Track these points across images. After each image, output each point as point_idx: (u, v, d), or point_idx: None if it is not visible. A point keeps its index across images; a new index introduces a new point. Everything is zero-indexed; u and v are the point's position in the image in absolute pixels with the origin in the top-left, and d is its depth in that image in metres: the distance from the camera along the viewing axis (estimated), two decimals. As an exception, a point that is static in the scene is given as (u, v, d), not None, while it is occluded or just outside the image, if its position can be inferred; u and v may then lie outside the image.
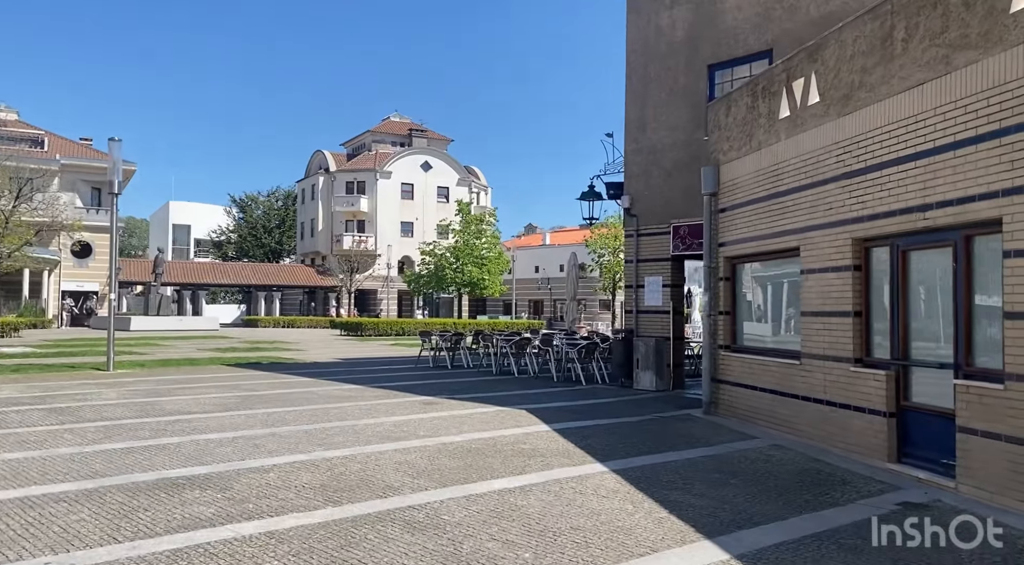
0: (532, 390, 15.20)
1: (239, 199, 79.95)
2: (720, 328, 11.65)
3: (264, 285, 60.19)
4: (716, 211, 11.86)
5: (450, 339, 20.18)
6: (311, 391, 14.46)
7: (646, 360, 15.02)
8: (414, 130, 70.91)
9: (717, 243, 11.81)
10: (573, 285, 20.60)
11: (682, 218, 14.86)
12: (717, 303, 11.75)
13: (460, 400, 13.35)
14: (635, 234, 15.72)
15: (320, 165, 69.10)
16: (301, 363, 21.32)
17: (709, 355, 11.76)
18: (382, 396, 13.83)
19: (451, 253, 48.97)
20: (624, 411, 12.35)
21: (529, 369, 18.26)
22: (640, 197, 15.70)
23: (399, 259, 63.20)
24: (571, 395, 14.48)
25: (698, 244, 14.45)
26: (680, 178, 14.96)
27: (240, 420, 10.76)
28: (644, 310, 15.60)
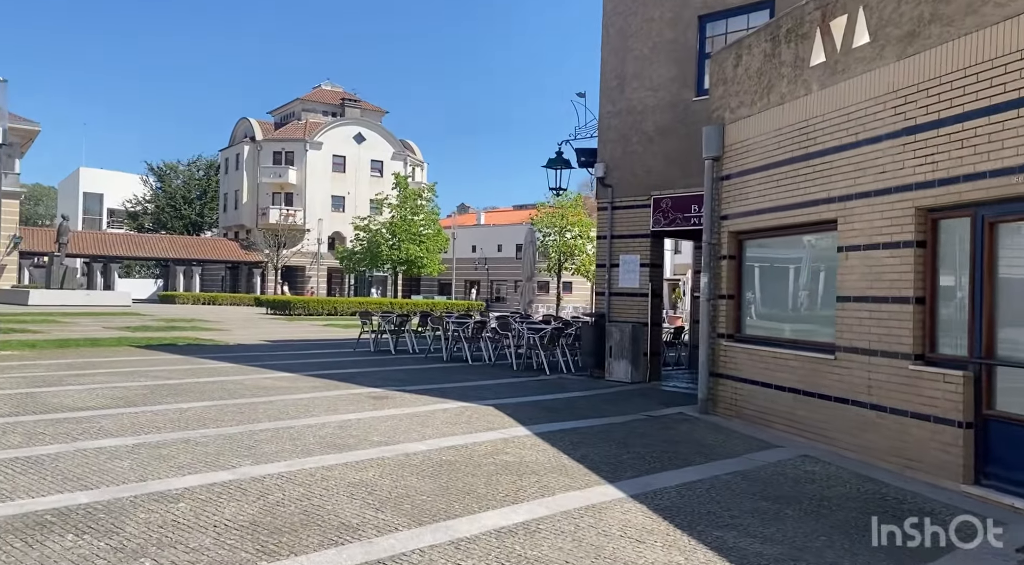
0: (492, 380, 13.41)
1: (157, 167, 75.16)
2: (721, 314, 10.08)
3: (183, 259, 56.49)
4: (719, 178, 10.26)
5: (394, 321, 18.18)
6: (235, 380, 12.32)
7: (620, 348, 13.41)
8: (347, 100, 67.65)
9: (719, 216, 10.21)
10: (530, 264, 18.89)
11: (664, 189, 13.25)
12: (718, 285, 10.17)
13: (414, 393, 11.47)
14: (609, 207, 14.04)
15: (245, 133, 65.26)
16: (223, 345, 18.98)
17: (707, 345, 10.19)
18: (321, 387, 11.82)
19: (387, 229, 46.51)
20: (606, 408, 10.70)
21: (484, 355, 16.46)
22: (616, 165, 14.01)
23: (329, 235, 60.29)
24: (538, 387, 12.76)
25: (683, 219, 12.90)
26: (663, 144, 13.33)
27: (145, 419, 8.63)
28: (618, 292, 13.97)
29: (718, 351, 10.11)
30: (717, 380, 10.10)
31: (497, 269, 63.10)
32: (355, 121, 65.04)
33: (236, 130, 68.33)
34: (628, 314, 13.80)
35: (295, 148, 62.34)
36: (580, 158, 14.56)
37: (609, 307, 14.05)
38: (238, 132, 67.66)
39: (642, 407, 10.87)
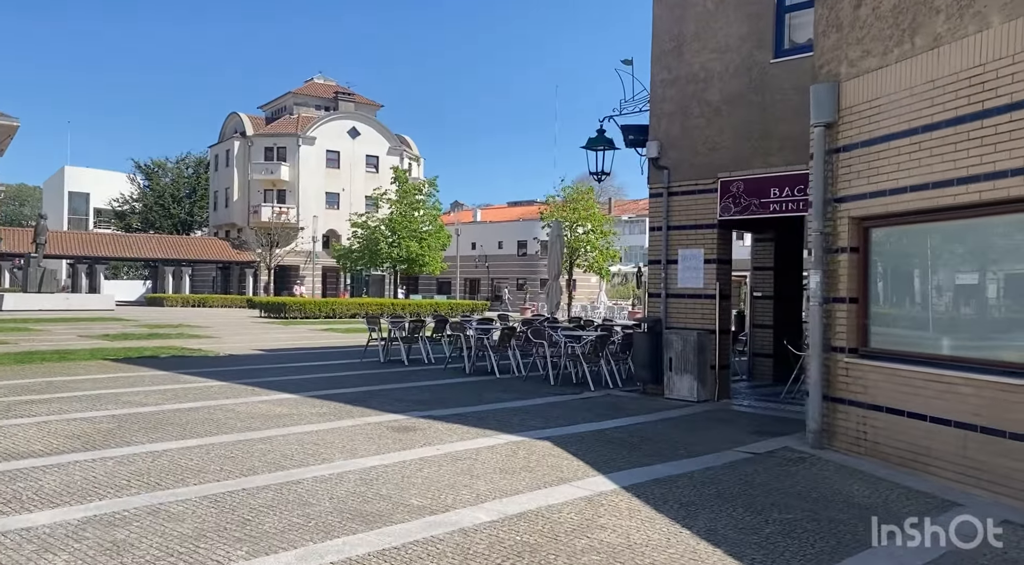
0: (532, 400, 11.29)
1: (144, 165, 72.58)
2: (839, 322, 7.97)
3: (172, 259, 54.11)
4: (832, 150, 8.14)
5: (407, 327, 16.02)
6: (225, 406, 10.16)
7: (683, 360, 11.29)
8: (340, 94, 65.31)
9: (833, 198, 8.10)
10: (557, 261, 16.76)
11: (734, 170, 11.13)
12: (834, 285, 8.05)
13: (444, 421, 9.33)
14: (665, 192, 11.90)
15: (236, 129, 62.83)
16: (212, 356, 16.78)
17: (819, 361, 8.07)
18: (330, 414, 9.67)
19: (386, 226, 44.19)
20: (688, 441, 8.58)
21: (512, 366, 14.32)
22: (673, 143, 11.88)
23: (324, 233, 57.99)
24: (589, 409, 10.63)
25: (759, 205, 10.78)
26: (732, 116, 11.20)
27: (103, 473, 6.48)
28: (677, 293, 11.84)
29: (835, 369, 8.00)
30: (834, 406, 7.99)
31: (497, 267, 60.92)
32: (349, 115, 62.71)
33: (226, 126, 65.94)
34: (689, 319, 11.67)
35: (287, 143, 60.00)
36: (627, 136, 12.42)
37: (666, 311, 11.92)
38: (228, 128, 65.27)
39: (731, 438, 8.75)
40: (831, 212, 8.09)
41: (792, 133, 10.51)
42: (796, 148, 10.45)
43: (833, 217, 8.07)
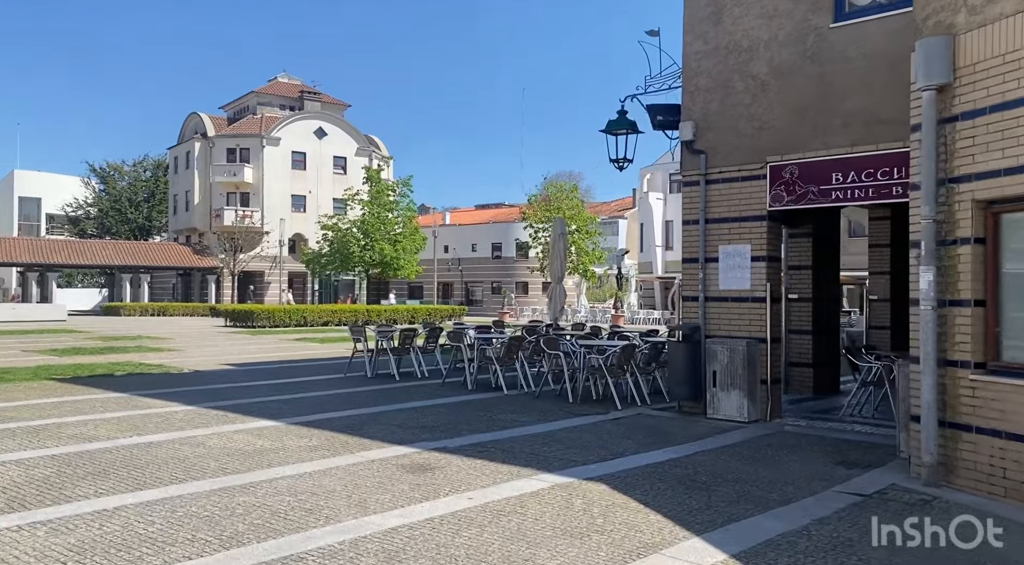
0: (557, 423, 9.68)
1: (100, 168, 69.55)
2: (962, 331, 6.49)
3: (130, 266, 51.40)
4: (946, 120, 6.67)
5: (397, 337, 14.29)
6: (193, 438, 8.38)
7: (731, 375, 9.76)
8: (306, 93, 63.05)
9: (948, 178, 6.63)
10: (560, 262, 15.16)
11: (787, 153, 9.65)
12: (953, 285, 6.57)
13: (466, 455, 7.67)
14: (702, 180, 10.38)
15: (196, 129, 60.28)
16: (175, 373, 14.87)
17: (933, 379, 6.58)
18: (323, 447, 7.95)
19: (358, 228, 42.17)
20: (772, 478, 7.03)
21: (520, 380, 12.67)
22: (712, 123, 10.37)
23: (290, 237, 55.71)
24: (626, 435, 9.06)
25: (819, 193, 9.32)
26: (784, 91, 9.73)
27: (29, 550, 4.71)
28: (718, 296, 10.32)
29: (954, 388, 6.52)
30: (956, 434, 6.50)
31: (471, 270, 59.18)
32: (315, 115, 60.56)
33: (185, 126, 63.33)
34: (734, 326, 10.16)
35: (251, 144, 57.65)
36: (655, 117, 10.88)
37: (704, 317, 10.39)
38: (187, 128, 62.68)
39: (816, 472, 7.22)
40: (945, 195, 6.62)
41: (859, 109, 9.07)
42: (864, 126, 9.02)
43: (948, 201, 6.60)
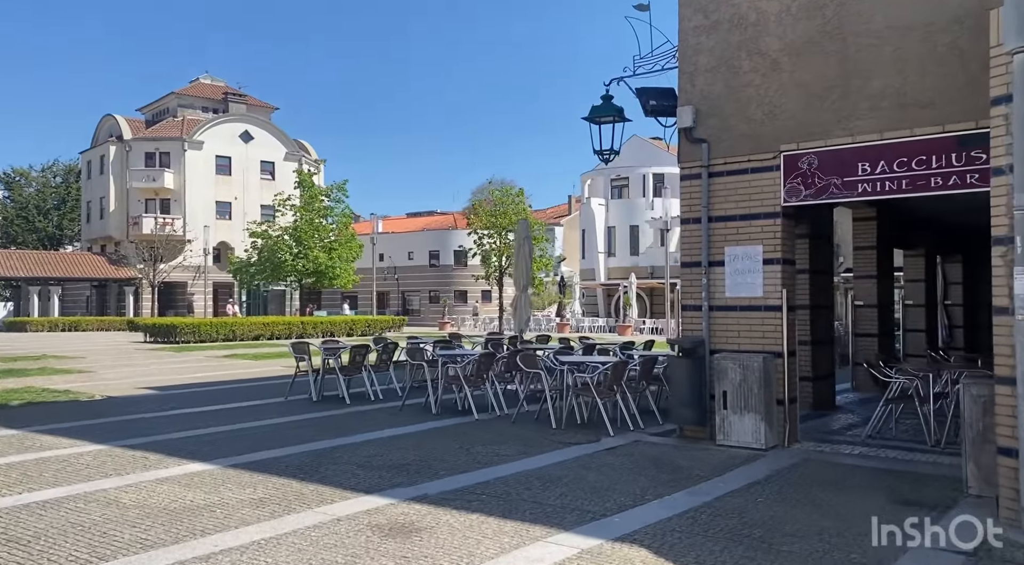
0: (544, 455, 8.24)
1: (4, 174, 65.02)
2: (1071, 343, 5.34)
3: (38, 278, 47.72)
4: (1044, 90, 5.54)
5: (347, 354, 12.61)
6: (102, 493, 6.61)
7: (745, 395, 8.50)
8: (231, 95, 60.13)
9: (1046, 159, 5.49)
10: (526, 269, 13.69)
11: (804, 141, 8.49)
12: (1057, 288, 5.42)
13: (454, 508, 6.16)
14: (704, 172, 9.14)
15: (111, 132, 56.69)
16: (84, 401, 12.81)
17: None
18: (272, 502, 6.31)
19: (290, 235, 39.83)
20: (835, 528, 5.75)
21: (490, 402, 11.17)
22: (715, 108, 9.13)
23: (215, 246, 52.75)
24: (634, 470, 7.69)
25: (843, 186, 8.19)
26: (799, 70, 8.56)
27: None
28: (724, 305, 9.07)
29: (1062, 413, 5.36)
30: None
31: (408, 279, 57.24)
32: (241, 118, 57.78)
33: (99, 129, 59.60)
34: (744, 339, 8.92)
35: (171, 148, 54.51)
36: (647, 102, 9.59)
37: (708, 328, 9.13)
38: (102, 131, 58.99)
39: (883, 517, 5.97)
40: (1049, 179, 5.48)
41: (888, 89, 7.97)
42: (896, 108, 7.92)
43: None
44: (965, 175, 7.53)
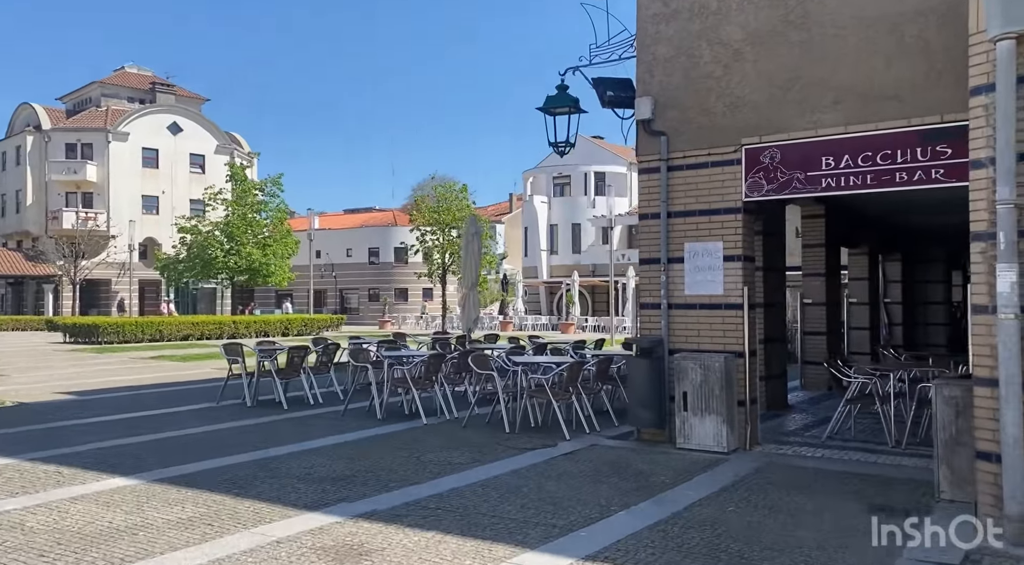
0: (499, 462, 7.79)
1: (-91, 165, 61.02)
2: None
3: (-53, 275, 44.97)
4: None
5: (284, 356, 11.91)
6: (4, 517, 5.87)
7: (706, 396, 8.21)
8: (158, 85, 57.81)
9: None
10: (474, 266, 13.19)
11: (767, 134, 8.23)
12: (1041, 286, 5.23)
13: (406, 525, 5.65)
14: (663, 166, 8.81)
15: (29, 122, 53.88)
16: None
17: (1019, 408, 5.20)
18: (203, 520, 5.69)
19: (222, 231, 38.30)
20: (813, 540, 5.47)
21: (438, 405, 10.65)
22: (674, 100, 8.81)
23: (141, 241, 50.52)
24: (594, 477, 7.31)
25: (805, 180, 7.99)
26: (762, 60, 8.31)
27: None
28: (684, 303, 8.76)
29: (1046, 415, 5.16)
30: (1050, 473, 5.14)
31: (346, 277, 55.95)
32: (169, 109, 55.57)
33: (15, 118, 56.65)
34: (704, 339, 8.64)
35: (94, 139, 52.09)
36: (604, 93, 9.23)
37: (668, 328, 8.81)
38: (18, 121, 56.07)
39: (857, 526, 5.70)
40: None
41: (854, 82, 7.77)
42: (861, 101, 7.73)
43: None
44: (930, 170, 7.37)
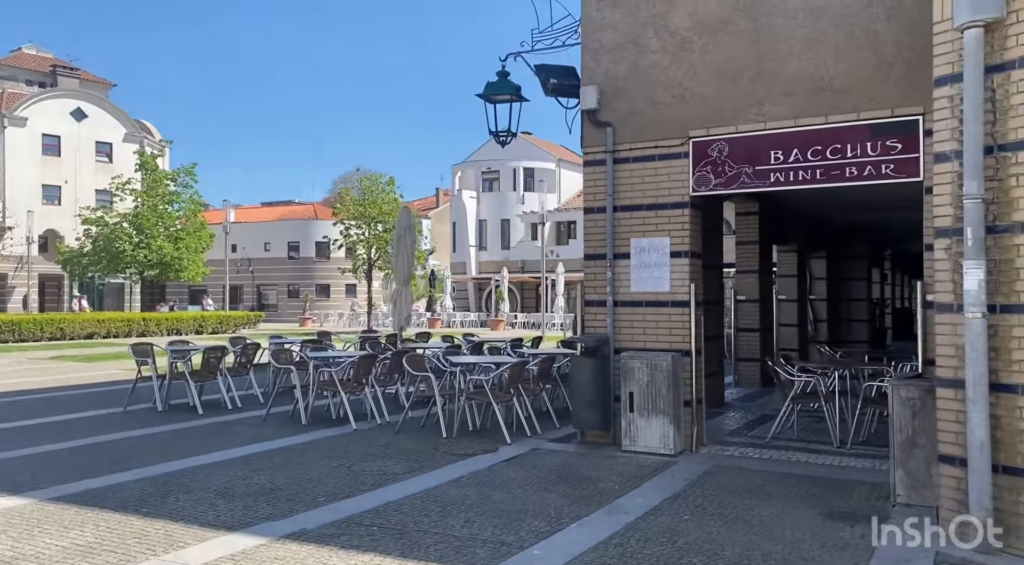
0: (438, 471, 7.28)
1: None
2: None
3: None
4: (996, 68, 5.17)
5: (200, 357, 11.07)
6: None
7: (652, 396, 7.90)
8: (60, 68, 54.49)
9: (999, 145, 5.13)
10: (407, 260, 12.58)
11: (715, 127, 7.97)
12: (1009, 284, 5.07)
13: (339, 546, 5.11)
14: (610, 158, 8.46)
15: (-87, 104, 50.03)
16: None
17: (985, 409, 5.02)
18: (105, 548, 5.00)
19: (130, 223, 36.22)
20: (784, 556, 5.18)
21: (369, 409, 10.03)
22: (620, 90, 8.47)
23: (41, 234, 47.51)
24: (541, 485, 6.89)
25: (754, 175, 7.80)
26: (711, 50, 8.04)
27: None
28: (629, 300, 8.44)
29: (1011, 422, 5.01)
30: (1013, 483, 4.99)
31: (264, 272, 54.11)
32: (73, 93, 52.46)
33: (-102, 100, 52.39)
34: (650, 337, 8.33)
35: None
36: (547, 81, 8.80)
37: (613, 326, 8.47)
38: (-99, 102, 51.89)
39: (819, 534, 5.47)
40: (998, 168, 5.10)
41: (804, 74, 7.58)
42: (811, 94, 7.55)
43: (1002, 175, 5.09)
44: (880, 165, 7.25)
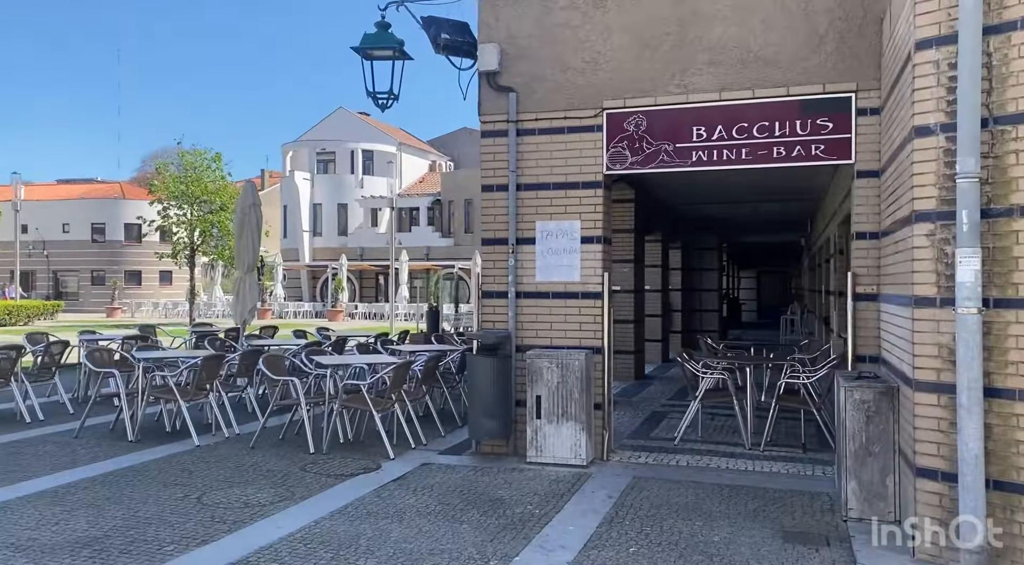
0: (316, 498, 5.94)
1: None
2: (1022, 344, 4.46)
3: None
4: (992, 29, 4.60)
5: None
6: None
7: (562, 400, 6.94)
8: None
9: (995, 118, 4.57)
10: (252, 245, 10.75)
11: (632, 97, 7.11)
12: (1007, 276, 4.52)
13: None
14: (512, 129, 7.37)
15: None
16: None
17: (979, 417, 4.45)
18: None
19: None
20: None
21: (213, 418, 8.34)
22: (525, 51, 7.40)
23: None
24: (454, 515, 5.73)
25: (674, 153, 7.08)
26: (628, 10, 7.16)
27: None
28: (534, 292, 7.42)
29: (1004, 431, 4.47)
30: (1005, 499, 4.46)
31: (62, 257, 48.24)
32: None
33: None
34: (557, 333, 7.37)
35: None
36: (438, 35, 7.55)
37: (515, 320, 7.43)
38: None
39: (765, 556, 4.73)
40: (993, 143, 4.53)
41: (730, 41, 6.89)
42: (738, 64, 6.87)
43: (998, 152, 4.52)
44: (811, 146, 6.69)
